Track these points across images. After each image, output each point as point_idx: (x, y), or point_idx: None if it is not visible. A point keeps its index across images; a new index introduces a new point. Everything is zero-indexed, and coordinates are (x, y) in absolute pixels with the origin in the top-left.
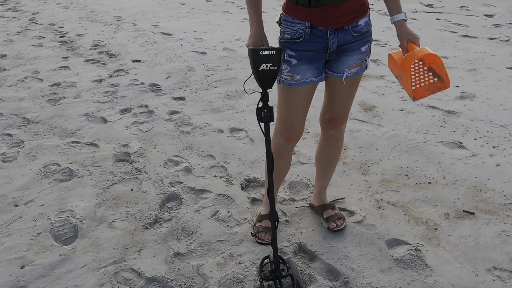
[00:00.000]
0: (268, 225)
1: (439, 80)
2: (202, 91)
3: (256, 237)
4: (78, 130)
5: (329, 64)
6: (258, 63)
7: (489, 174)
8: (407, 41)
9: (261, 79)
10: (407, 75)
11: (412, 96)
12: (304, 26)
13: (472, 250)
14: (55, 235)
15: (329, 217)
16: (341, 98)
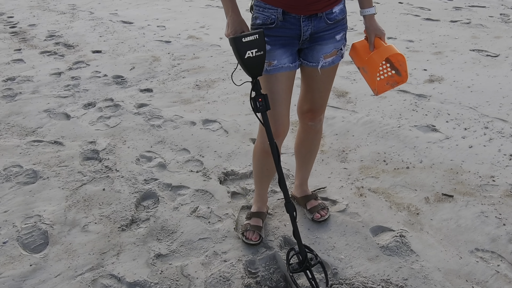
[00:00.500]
0: (257, 223)
1: (396, 73)
2: (170, 82)
3: (243, 236)
4: (39, 128)
5: (303, 53)
6: (243, 51)
7: (463, 156)
8: (375, 36)
9: (249, 67)
10: (374, 71)
11: (376, 90)
12: (276, 12)
13: (454, 233)
14: (23, 243)
15: (313, 208)
16: (319, 88)
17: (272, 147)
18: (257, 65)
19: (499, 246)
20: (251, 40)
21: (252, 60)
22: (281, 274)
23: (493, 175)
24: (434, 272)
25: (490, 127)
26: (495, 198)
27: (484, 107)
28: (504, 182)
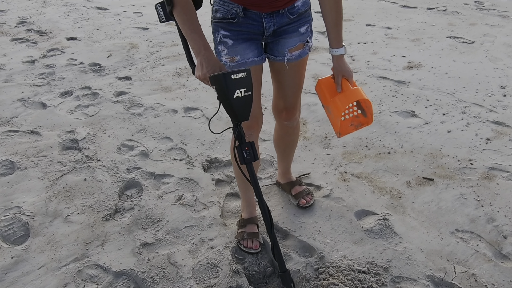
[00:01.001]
0: (253, 230)
1: (362, 113)
2: (149, 69)
3: (241, 245)
4: (14, 118)
5: (268, 47)
6: (232, 89)
7: (442, 140)
8: (342, 77)
9: (238, 108)
10: (338, 114)
11: (338, 133)
12: (236, 7)
13: (435, 215)
14: (3, 236)
15: (298, 193)
16: (289, 85)
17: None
18: (244, 106)
19: (478, 227)
20: (241, 77)
21: (241, 101)
22: (268, 259)
23: (471, 159)
24: (417, 253)
25: (467, 112)
26: (473, 181)
27: (461, 92)
28: (481, 165)
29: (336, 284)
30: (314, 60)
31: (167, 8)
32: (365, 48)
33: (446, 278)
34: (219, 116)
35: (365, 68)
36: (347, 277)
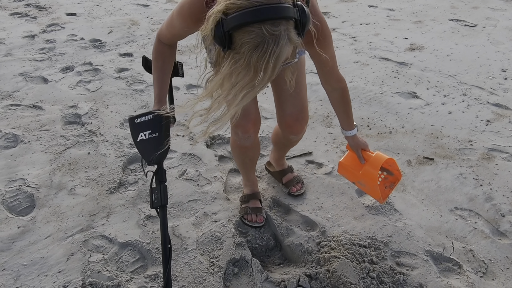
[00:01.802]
0: (256, 205)
1: (388, 173)
2: (150, 46)
3: (245, 219)
4: (15, 92)
5: None
6: (136, 133)
7: (443, 121)
8: (361, 149)
9: (142, 151)
10: (374, 181)
11: (381, 199)
12: None
13: (435, 193)
14: (9, 206)
15: (289, 182)
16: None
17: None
18: (150, 149)
19: (476, 205)
20: (145, 120)
21: (145, 143)
22: (270, 233)
23: (471, 140)
24: (417, 229)
25: (468, 94)
26: (473, 161)
27: (463, 75)
28: (481, 146)
29: (338, 257)
30: None
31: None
32: (367, 29)
33: (445, 253)
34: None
35: (367, 49)
36: (348, 250)
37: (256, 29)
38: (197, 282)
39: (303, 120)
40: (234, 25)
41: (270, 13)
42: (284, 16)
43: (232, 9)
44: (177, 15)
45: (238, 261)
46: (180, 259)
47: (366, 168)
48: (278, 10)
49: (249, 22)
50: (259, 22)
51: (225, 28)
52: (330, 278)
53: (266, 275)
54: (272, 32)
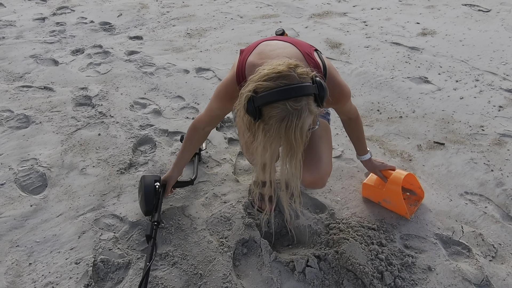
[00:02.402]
0: (270, 193)
1: (411, 194)
2: (160, 29)
3: (255, 205)
4: (26, 74)
5: None
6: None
7: (454, 107)
8: (380, 170)
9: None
10: (398, 196)
11: (408, 214)
12: None
13: (445, 178)
14: (22, 185)
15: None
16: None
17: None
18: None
19: (487, 190)
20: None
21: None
22: (281, 218)
23: (482, 125)
24: (426, 213)
25: (481, 79)
26: (484, 146)
27: (475, 60)
28: (493, 131)
29: (347, 239)
30: (327, 24)
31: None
32: (379, 13)
33: (454, 237)
34: None
35: (378, 33)
36: (357, 232)
37: (281, 105)
38: (207, 261)
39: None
40: (263, 102)
41: (292, 92)
42: (305, 93)
43: (260, 89)
44: (215, 99)
45: (247, 241)
46: (190, 239)
47: (389, 186)
48: (299, 89)
49: (275, 100)
50: (284, 100)
51: (255, 104)
52: (339, 259)
53: (275, 256)
54: (295, 107)
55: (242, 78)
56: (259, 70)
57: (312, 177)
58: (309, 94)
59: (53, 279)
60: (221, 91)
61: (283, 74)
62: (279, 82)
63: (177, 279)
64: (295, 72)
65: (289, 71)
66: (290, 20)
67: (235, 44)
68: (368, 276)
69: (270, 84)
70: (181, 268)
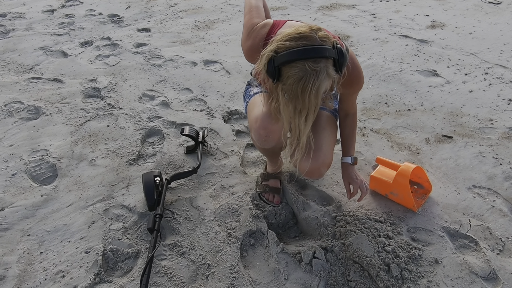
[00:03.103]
0: (276, 185)
1: (418, 187)
2: (168, 22)
3: (263, 196)
4: (36, 65)
5: None
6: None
7: (463, 100)
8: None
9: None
10: (407, 189)
11: (415, 206)
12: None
13: (453, 171)
14: (32, 176)
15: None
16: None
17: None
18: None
19: (495, 184)
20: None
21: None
22: (289, 209)
23: (491, 118)
24: (433, 206)
25: (490, 72)
26: (493, 140)
27: (485, 53)
28: (502, 125)
29: (353, 231)
30: (335, 17)
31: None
32: (388, 6)
33: (461, 230)
34: (238, 69)
35: (387, 26)
36: (364, 225)
37: (300, 65)
38: (215, 252)
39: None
40: (283, 61)
41: (312, 53)
42: (324, 55)
43: (281, 48)
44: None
45: (255, 232)
46: (198, 229)
47: (397, 178)
48: (319, 51)
49: (294, 59)
50: (303, 59)
51: (275, 63)
52: (346, 251)
53: (282, 247)
54: (313, 68)
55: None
56: (282, 32)
57: (310, 165)
58: (328, 56)
59: (64, 267)
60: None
61: (305, 35)
62: (300, 42)
63: (185, 268)
64: (316, 35)
65: (311, 32)
66: (298, 12)
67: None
68: (374, 268)
69: (291, 43)
70: (189, 258)
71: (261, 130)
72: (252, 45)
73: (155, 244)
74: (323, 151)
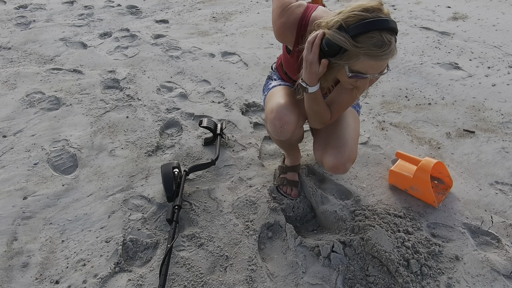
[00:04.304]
0: (294, 178)
1: (439, 182)
2: (185, 13)
3: (280, 189)
4: (57, 56)
5: None
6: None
7: (486, 94)
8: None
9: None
10: (427, 185)
11: (435, 202)
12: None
13: (474, 167)
14: (54, 165)
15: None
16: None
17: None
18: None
19: None
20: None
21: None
22: (307, 203)
23: None
24: (454, 201)
25: None
26: None
27: (509, 46)
28: None
29: (372, 226)
30: None
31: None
32: None
33: (483, 227)
34: (256, 61)
35: (407, 18)
36: (383, 220)
37: (377, 35)
38: (233, 244)
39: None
40: (361, 31)
41: (387, 24)
42: (396, 29)
43: (354, 19)
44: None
45: (272, 225)
46: (216, 221)
47: (417, 173)
48: (392, 23)
49: (371, 29)
50: (379, 30)
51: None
52: (364, 245)
53: (300, 240)
54: (389, 39)
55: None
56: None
57: (335, 161)
58: (397, 30)
59: (85, 256)
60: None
61: (378, 7)
62: (375, 14)
63: (203, 260)
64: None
65: (381, 6)
66: None
67: (261, 28)
68: (394, 264)
69: (367, 14)
70: (208, 249)
71: (276, 121)
72: (286, 23)
73: (174, 235)
74: (349, 146)
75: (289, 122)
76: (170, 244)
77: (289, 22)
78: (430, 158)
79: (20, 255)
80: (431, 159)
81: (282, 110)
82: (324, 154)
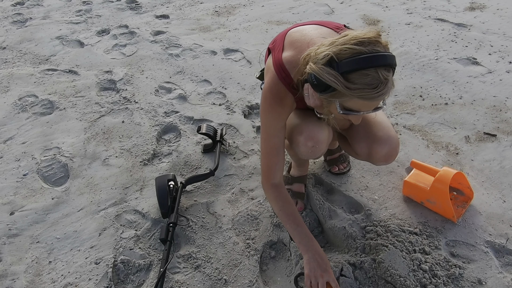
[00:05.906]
0: (300, 190)
1: (458, 193)
2: (187, 7)
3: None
4: (52, 56)
5: None
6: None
7: (508, 92)
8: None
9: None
10: (446, 197)
11: (455, 217)
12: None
13: (497, 175)
14: (44, 176)
15: (332, 160)
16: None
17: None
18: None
19: None
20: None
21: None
22: (313, 217)
23: None
24: (476, 216)
25: None
26: None
27: None
28: None
29: (385, 245)
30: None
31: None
32: None
33: (508, 245)
34: (260, 58)
35: (421, 9)
36: (397, 238)
37: (372, 73)
38: (232, 265)
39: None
40: (354, 68)
41: (383, 60)
42: (394, 64)
43: (347, 52)
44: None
45: (276, 243)
46: (215, 239)
47: (435, 184)
48: (391, 58)
49: (367, 66)
50: (375, 67)
51: (340, 69)
52: (376, 268)
53: None
54: (385, 77)
55: (285, 74)
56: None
57: (388, 148)
58: (395, 65)
59: (72, 279)
60: (267, 98)
61: (374, 40)
62: (371, 47)
63: (200, 284)
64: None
65: (379, 38)
66: None
67: (265, 22)
68: None
69: (362, 48)
70: (205, 272)
71: (309, 141)
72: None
73: (167, 257)
74: (393, 132)
75: (321, 140)
76: (164, 267)
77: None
78: (449, 168)
79: (4, 279)
80: (450, 169)
81: (312, 128)
82: (372, 145)
